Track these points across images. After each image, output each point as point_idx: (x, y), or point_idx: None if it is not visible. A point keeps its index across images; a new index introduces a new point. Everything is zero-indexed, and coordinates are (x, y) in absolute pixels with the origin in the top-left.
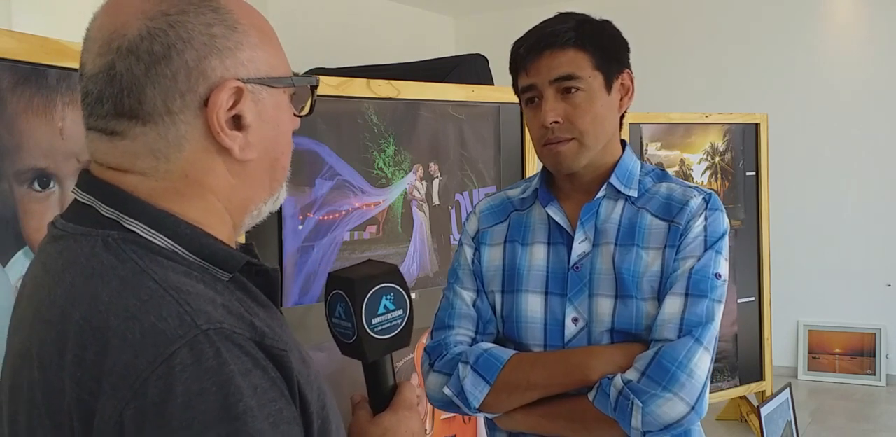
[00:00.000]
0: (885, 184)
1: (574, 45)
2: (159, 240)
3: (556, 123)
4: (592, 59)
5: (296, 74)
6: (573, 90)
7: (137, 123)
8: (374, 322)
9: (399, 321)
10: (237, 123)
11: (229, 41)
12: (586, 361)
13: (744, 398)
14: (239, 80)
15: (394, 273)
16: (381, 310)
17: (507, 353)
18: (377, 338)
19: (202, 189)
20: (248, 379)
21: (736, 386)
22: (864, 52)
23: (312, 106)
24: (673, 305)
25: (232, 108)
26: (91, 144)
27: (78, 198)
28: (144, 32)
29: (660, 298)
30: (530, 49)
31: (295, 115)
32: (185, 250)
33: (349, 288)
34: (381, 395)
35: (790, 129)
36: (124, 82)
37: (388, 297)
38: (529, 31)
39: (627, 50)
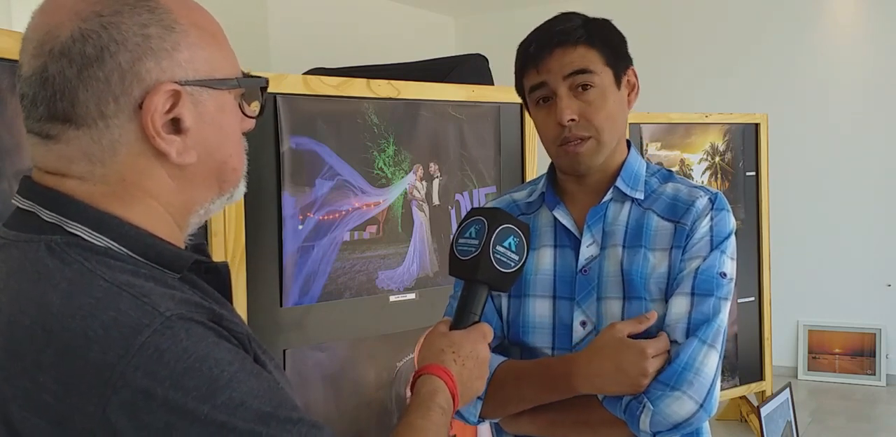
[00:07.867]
0: (885, 184)
1: (585, 42)
2: (103, 242)
3: (573, 120)
4: (603, 55)
5: (246, 75)
6: (587, 87)
7: (71, 127)
8: (497, 249)
9: (513, 264)
10: (175, 126)
11: (166, 42)
12: (569, 371)
13: (744, 397)
14: (177, 82)
15: (526, 230)
16: (506, 244)
17: (492, 364)
18: (492, 261)
19: (141, 193)
20: (219, 349)
21: (736, 386)
22: (864, 52)
23: (262, 107)
24: (679, 305)
25: (169, 111)
26: (31, 149)
27: (19, 205)
28: (77, 34)
29: (667, 299)
30: (541, 47)
31: (246, 116)
32: (130, 252)
33: (492, 214)
34: (464, 320)
35: (790, 129)
36: (57, 85)
37: (515, 240)
38: (536, 31)
39: (627, 47)
